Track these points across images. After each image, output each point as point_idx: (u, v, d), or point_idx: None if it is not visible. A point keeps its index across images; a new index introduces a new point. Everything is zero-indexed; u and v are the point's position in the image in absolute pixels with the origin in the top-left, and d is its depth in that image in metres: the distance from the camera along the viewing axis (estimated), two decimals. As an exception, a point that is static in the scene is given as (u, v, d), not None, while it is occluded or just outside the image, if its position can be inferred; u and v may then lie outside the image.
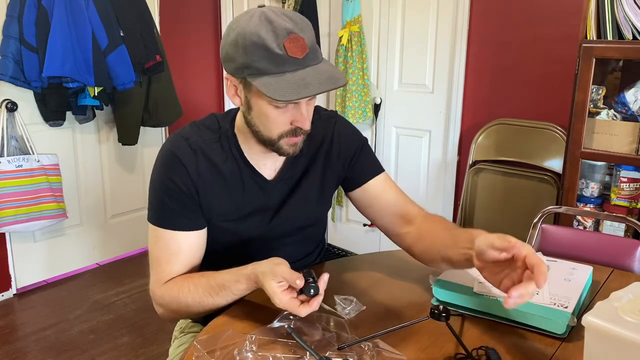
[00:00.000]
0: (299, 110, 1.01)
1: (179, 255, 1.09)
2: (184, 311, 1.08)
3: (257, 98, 1.00)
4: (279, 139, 1.04)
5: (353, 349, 0.90)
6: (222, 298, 1.04)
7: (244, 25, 0.96)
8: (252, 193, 1.13)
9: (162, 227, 1.09)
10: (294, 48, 0.93)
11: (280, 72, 0.94)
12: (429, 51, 2.74)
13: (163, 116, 3.02)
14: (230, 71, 1.01)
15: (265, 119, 1.02)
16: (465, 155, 2.71)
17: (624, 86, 1.95)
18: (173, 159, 1.07)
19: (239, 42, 0.95)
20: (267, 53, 0.93)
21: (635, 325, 0.73)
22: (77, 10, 2.53)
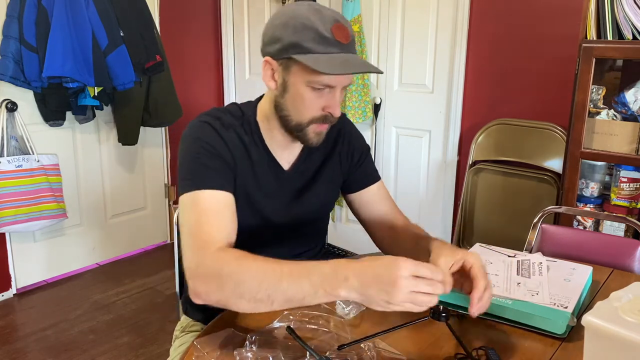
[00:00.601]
0: (333, 96, 1.06)
1: (221, 214, 1.02)
2: (235, 291, 0.89)
3: (295, 79, 1.04)
4: (308, 124, 1.08)
5: (353, 349, 0.90)
6: (289, 285, 0.86)
7: (293, 9, 1.04)
8: (268, 180, 1.16)
9: (200, 188, 1.02)
10: (340, 34, 1.01)
11: (326, 52, 1.01)
12: (429, 51, 2.74)
13: (163, 116, 3.02)
14: (273, 52, 1.06)
15: (300, 101, 1.06)
16: (465, 155, 2.71)
17: (624, 86, 1.95)
18: (210, 131, 1.09)
19: (289, 23, 1.02)
20: (316, 34, 1.00)
21: (635, 325, 0.73)
22: (77, 10, 2.53)
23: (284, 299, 0.87)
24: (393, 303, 0.81)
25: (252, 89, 3.50)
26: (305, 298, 0.86)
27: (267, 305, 0.88)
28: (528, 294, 1.04)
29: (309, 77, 1.02)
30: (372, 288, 0.82)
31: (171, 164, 3.43)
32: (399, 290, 0.81)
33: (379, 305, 0.83)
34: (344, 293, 0.84)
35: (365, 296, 0.83)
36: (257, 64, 3.47)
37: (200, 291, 0.92)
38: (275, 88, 1.09)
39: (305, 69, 1.02)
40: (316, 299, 0.86)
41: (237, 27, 3.49)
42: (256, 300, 0.87)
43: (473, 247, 1.30)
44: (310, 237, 1.30)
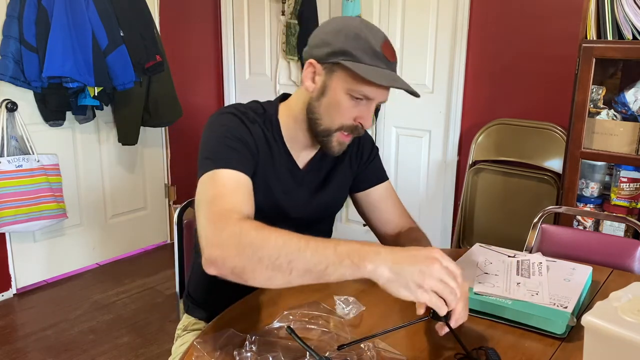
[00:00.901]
0: (368, 108, 1.09)
1: (241, 191, 1.00)
2: (254, 255, 0.85)
3: (337, 84, 1.07)
4: (336, 131, 1.11)
5: (353, 349, 0.90)
6: (313, 254, 0.84)
7: (346, 20, 1.09)
8: (286, 177, 1.18)
9: (221, 167, 1.01)
10: (388, 51, 1.06)
11: (373, 64, 1.04)
12: (429, 51, 2.74)
13: (163, 116, 3.02)
14: (319, 56, 1.08)
15: (336, 108, 1.08)
16: (465, 155, 2.71)
17: (624, 86, 1.95)
18: (237, 121, 1.10)
19: (341, 31, 1.05)
20: (367, 46, 1.04)
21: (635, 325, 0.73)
22: (77, 10, 2.53)
23: (304, 267, 0.83)
24: (424, 287, 0.81)
25: (252, 89, 3.50)
26: (327, 268, 0.83)
27: (284, 274, 0.84)
28: (528, 294, 1.04)
29: (351, 85, 1.05)
30: (406, 265, 0.81)
31: (171, 164, 3.43)
32: (433, 273, 0.81)
33: (407, 288, 0.81)
34: (371, 266, 0.81)
35: (397, 274, 0.81)
36: (257, 64, 3.47)
37: (216, 257, 0.87)
38: (312, 90, 1.10)
39: (348, 76, 1.05)
40: (340, 269, 0.83)
41: (237, 27, 3.49)
42: (274, 266, 0.84)
43: (473, 247, 1.31)
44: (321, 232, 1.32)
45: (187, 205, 1.48)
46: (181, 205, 1.47)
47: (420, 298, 0.82)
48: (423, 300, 0.82)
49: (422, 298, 0.82)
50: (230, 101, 3.63)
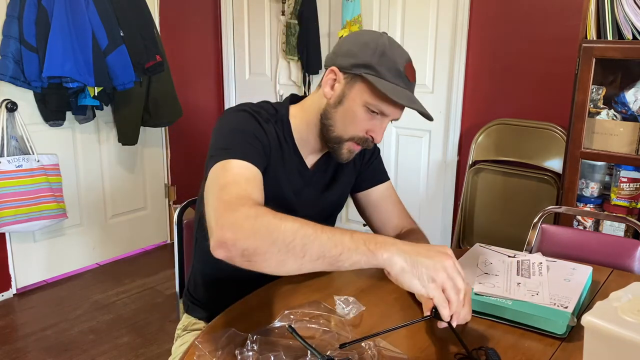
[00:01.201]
0: (382, 123, 1.11)
1: (254, 182, 1.00)
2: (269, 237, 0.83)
3: (355, 96, 1.09)
4: (347, 141, 1.13)
5: (354, 347, 0.90)
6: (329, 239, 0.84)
7: (375, 35, 1.10)
8: (295, 177, 1.20)
9: (234, 158, 1.01)
10: (410, 72, 1.09)
11: (394, 83, 1.07)
12: (429, 51, 2.74)
13: (163, 116, 3.02)
14: (343, 65, 1.10)
15: (351, 118, 1.10)
16: (465, 155, 2.71)
17: (624, 86, 1.95)
18: (251, 119, 1.11)
19: (369, 45, 1.07)
20: (391, 64, 1.06)
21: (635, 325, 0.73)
22: (77, 10, 2.53)
23: (318, 252, 0.82)
24: (437, 282, 0.82)
25: (252, 89, 3.50)
26: (342, 254, 0.82)
27: (297, 258, 0.83)
28: (528, 294, 1.04)
29: (370, 99, 1.07)
30: (421, 257, 0.83)
31: (171, 164, 3.43)
32: (446, 268, 0.83)
33: (420, 279, 0.82)
34: (386, 254, 0.82)
35: (412, 264, 0.82)
36: (257, 64, 3.47)
37: (227, 238, 0.84)
38: (330, 97, 1.12)
39: (368, 90, 1.07)
40: (354, 256, 0.82)
41: (237, 27, 3.49)
42: (288, 249, 0.82)
43: (473, 247, 1.31)
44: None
45: (187, 205, 1.48)
46: (181, 205, 1.48)
47: (430, 292, 0.83)
48: (433, 296, 0.83)
49: (433, 293, 0.83)
50: (230, 101, 3.63)
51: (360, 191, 1.34)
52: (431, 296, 0.83)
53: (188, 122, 3.38)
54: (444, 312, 0.85)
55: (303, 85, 3.18)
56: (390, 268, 0.83)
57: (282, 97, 3.35)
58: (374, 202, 1.33)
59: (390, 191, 1.35)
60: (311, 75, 3.15)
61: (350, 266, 0.84)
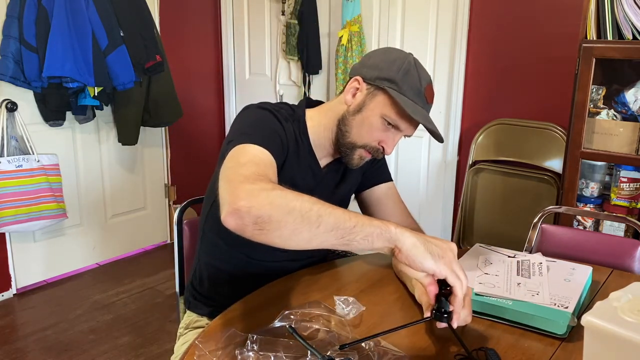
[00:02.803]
0: (394, 137, 1.17)
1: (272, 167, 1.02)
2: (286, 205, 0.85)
3: (375, 106, 1.14)
4: (359, 148, 1.17)
5: (354, 348, 0.90)
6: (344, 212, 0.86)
7: (404, 55, 1.16)
8: (308, 176, 1.23)
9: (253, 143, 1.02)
10: (429, 94, 1.15)
11: (413, 101, 1.12)
12: (429, 51, 2.74)
13: (163, 116, 3.02)
14: (367, 76, 1.15)
15: (368, 127, 1.15)
16: (465, 155, 2.72)
17: (624, 86, 1.95)
18: (273, 118, 1.14)
19: (396, 62, 1.13)
20: (414, 83, 1.12)
21: (635, 325, 0.73)
22: (77, 10, 2.53)
23: (334, 222, 0.84)
24: (445, 258, 0.87)
25: (252, 89, 3.50)
26: (355, 226, 0.84)
27: (312, 227, 0.84)
28: (528, 294, 1.04)
29: (388, 111, 1.12)
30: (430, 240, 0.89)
31: (171, 164, 3.43)
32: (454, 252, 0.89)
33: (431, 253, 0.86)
34: (398, 230, 0.86)
35: (424, 242, 0.86)
36: (257, 64, 3.47)
37: (241, 206, 0.83)
38: (349, 104, 1.17)
39: (388, 103, 1.12)
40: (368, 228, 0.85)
41: (237, 27, 3.49)
42: (304, 218, 0.83)
43: (473, 247, 1.31)
44: None
45: (187, 205, 1.48)
46: (181, 205, 1.48)
47: (441, 269, 0.86)
48: (442, 273, 0.86)
49: (443, 270, 0.86)
50: (230, 101, 3.63)
51: (363, 190, 1.36)
52: (441, 273, 0.86)
53: (188, 122, 3.38)
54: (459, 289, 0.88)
55: (303, 85, 3.18)
56: (402, 243, 0.85)
57: (282, 97, 3.35)
58: (376, 201, 1.35)
59: (392, 191, 1.37)
60: (311, 75, 3.15)
61: (362, 239, 0.85)
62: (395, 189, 1.38)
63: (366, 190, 1.36)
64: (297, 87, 3.26)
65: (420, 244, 0.86)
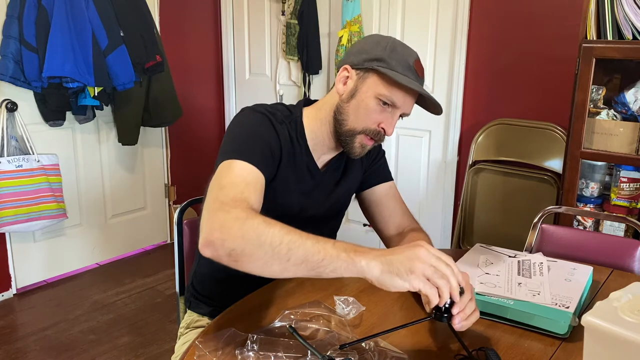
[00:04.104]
0: (393, 116, 1.14)
1: (255, 186, 1.03)
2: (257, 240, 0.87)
3: (367, 88, 1.13)
4: (359, 133, 1.15)
5: (354, 348, 0.90)
6: (313, 244, 0.87)
7: (386, 36, 1.17)
8: (306, 179, 1.22)
9: (240, 159, 1.04)
10: (419, 67, 1.14)
11: (404, 74, 1.11)
12: (429, 51, 2.74)
13: (163, 116, 3.02)
14: (355, 62, 1.14)
15: (364, 110, 1.13)
16: (465, 155, 2.72)
17: (624, 86, 1.95)
18: (266, 122, 1.14)
19: (380, 43, 1.14)
20: (401, 59, 1.12)
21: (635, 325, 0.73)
22: (77, 10, 2.53)
23: (303, 255, 0.86)
24: (415, 273, 0.82)
25: (252, 89, 3.50)
26: (324, 259, 0.85)
27: (282, 260, 0.86)
28: (529, 294, 1.04)
29: (382, 90, 1.11)
30: (395, 257, 0.85)
31: (171, 164, 3.43)
32: (420, 256, 0.83)
33: (399, 276, 0.83)
34: (364, 262, 0.85)
35: (389, 265, 0.84)
36: (257, 64, 3.47)
37: (215, 238, 0.88)
38: (342, 93, 1.16)
39: (380, 81, 1.11)
40: (335, 262, 0.85)
41: (237, 27, 3.49)
42: (274, 252, 0.86)
43: (474, 247, 1.31)
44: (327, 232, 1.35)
45: (187, 205, 1.48)
46: (181, 205, 1.48)
47: (413, 284, 0.83)
48: (417, 287, 0.83)
49: (415, 284, 0.83)
50: (230, 101, 3.63)
51: (364, 190, 1.36)
52: (416, 287, 0.83)
53: (188, 122, 3.38)
54: (434, 301, 0.84)
55: (303, 85, 3.18)
56: (370, 274, 0.85)
57: (282, 97, 3.35)
58: (377, 200, 1.35)
59: (393, 191, 1.37)
60: (311, 75, 3.15)
61: (331, 272, 0.86)
62: (396, 188, 1.38)
63: (367, 190, 1.35)
64: (297, 87, 3.26)
65: (387, 270, 0.84)
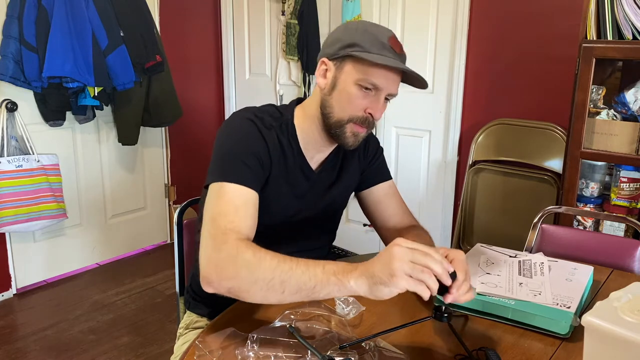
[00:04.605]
0: (378, 99, 1.12)
1: (245, 209, 1.05)
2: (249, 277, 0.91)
3: (346, 77, 1.11)
4: (347, 122, 1.13)
5: (354, 347, 0.90)
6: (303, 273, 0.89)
7: (355, 21, 1.15)
8: (300, 181, 1.22)
9: (229, 182, 1.06)
10: (395, 43, 1.11)
11: (380, 54, 1.08)
12: (429, 51, 2.74)
13: (163, 116, 3.02)
14: (330, 53, 1.13)
15: (346, 98, 1.11)
16: (465, 155, 2.71)
17: (624, 86, 1.95)
18: (253, 130, 1.13)
19: (351, 27, 1.13)
20: (374, 39, 1.09)
21: (635, 325, 0.73)
22: (77, 10, 2.53)
23: (296, 285, 0.89)
24: (396, 275, 0.83)
25: (252, 89, 3.50)
26: (316, 286, 0.88)
27: (278, 293, 0.90)
28: (530, 294, 1.04)
29: (360, 74, 1.09)
30: (375, 267, 0.86)
31: (171, 164, 3.43)
32: (397, 258, 0.83)
33: (384, 284, 0.84)
34: (353, 282, 0.87)
35: (371, 277, 0.85)
36: (257, 64, 3.47)
37: (213, 279, 0.94)
38: (324, 86, 1.15)
39: (357, 67, 1.09)
40: (327, 286, 0.88)
41: (237, 27, 3.49)
42: (268, 287, 0.90)
43: (474, 247, 1.31)
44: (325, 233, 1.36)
45: (187, 205, 1.48)
46: (181, 205, 1.47)
47: (399, 286, 0.83)
48: (403, 287, 0.83)
49: (401, 285, 0.83)
50: (230, 101, 3.63)
51: (363, 189, 1.36)
52: (402, 288, 0.84)
53: (188, 122, 3.38)
54: (425, 296, 0.84)
55: (303, 85, 3.18)
56: (360, 292, 0.87)
57: (282, 97, 3.35)
58: (377, 200, 1.35)
59: (393, 190, 1.37)
60: (311, 75, 3.15)
61: (326, 295, 0.89)
62: (395, 187, 1.38)
63: (366, 189, 1.35)
64: (297, 87, 3.26)
65: (372, 283, 0.85)
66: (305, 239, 1.27)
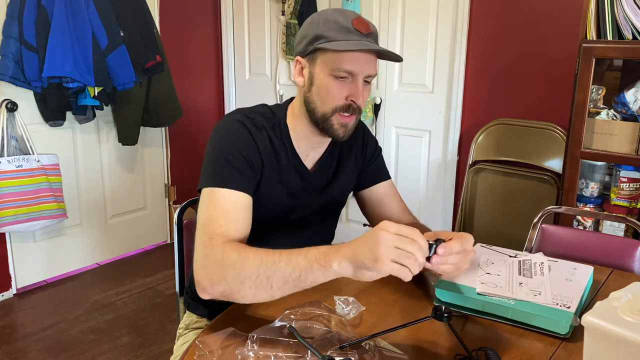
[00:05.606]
0: (355, 85, 1.11)
1: (236, 212, 1.06)
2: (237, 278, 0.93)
3: (320, 70, 1.11)
4: (332, 114, 1.12)
5: (354, 347, 0.90)
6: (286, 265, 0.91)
7: (319, 12, 1.15)
8: (294, 181, 1.21)
9: (219, 186, 1.07)
10: (359, 24, 1.09)
11: (346, 39, 1.08)
12: (429, 51, 2.74)
13: (163, 116, 3.02)
14: (301, 50, 1.13)
15: (325, 91, 1.11)
16: (465, 155, 2.71)
17: (624, 86, 1.95)
18: (243, 132, 1.13)
19: (313, 20, 1.12)
20: (337, 25, 1.09)
21: (635, 325, 0.73)
22: (77, 10, 2.53)
23: (282, 278, 0.91)
24: (380, 260, 0.83)
25: (252, 89, 3.50)
26: (301, 275, 0.90)
27: (266, 289, 0.92)
28: (530, 294, 1.04)
29: (331, 65, 1.09)
30: (359, 250, 0.86)
31: (171, 164, 3.43)
32: (382, 244, 0.83)
33: (367, 268, 0.85)
34: (335, 264, 0.88)
35: (355, 261, 0.86)
36: (257, 64, 3.47)
37: (205, 284, 0.97)
38: (303, 85, 1.15)
39: (327, 58, 1.09)
40: (311, 274, 0.89)
41: (237, 27, 3.49)
42: (256, 285, 0.92)
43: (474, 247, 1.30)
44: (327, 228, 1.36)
45: (187, 205, 1.48)
46: (181, 205, 1.48)
47: (382, 271, 0.84)
48: (387, 272, 0.84)
49: (384, 270, 0.84)
50: (230, 101, 3.63)
51: (362, 189, 1.36)
52: (385, 273, 0.84)
53: (188, 122, 3.38)
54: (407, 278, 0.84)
55: (303, 85, 3.18)
56: (345, 274, 0.88)
57: (282, 97, 3.35)
58: (376, 200, 1.35)
59: (392, 189, 1.37)
60: (311, 75, 3.15)
61: (312, 283, 0.91)
62: (394, 186, 1.38)
63: (365, 189, 1.35)
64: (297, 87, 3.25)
65: (355, 265, 0.86)
66: (302, 238, 1.27)
